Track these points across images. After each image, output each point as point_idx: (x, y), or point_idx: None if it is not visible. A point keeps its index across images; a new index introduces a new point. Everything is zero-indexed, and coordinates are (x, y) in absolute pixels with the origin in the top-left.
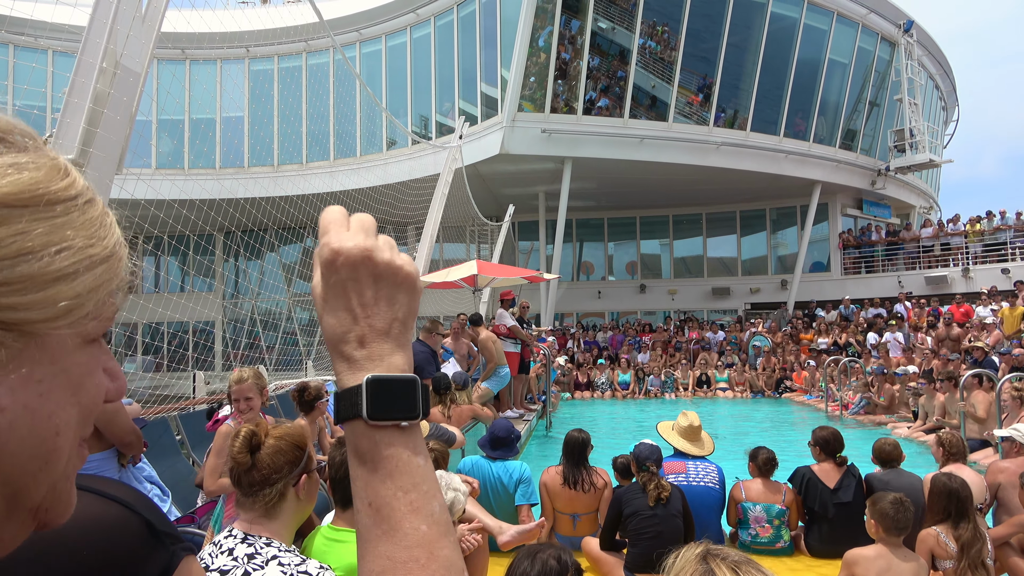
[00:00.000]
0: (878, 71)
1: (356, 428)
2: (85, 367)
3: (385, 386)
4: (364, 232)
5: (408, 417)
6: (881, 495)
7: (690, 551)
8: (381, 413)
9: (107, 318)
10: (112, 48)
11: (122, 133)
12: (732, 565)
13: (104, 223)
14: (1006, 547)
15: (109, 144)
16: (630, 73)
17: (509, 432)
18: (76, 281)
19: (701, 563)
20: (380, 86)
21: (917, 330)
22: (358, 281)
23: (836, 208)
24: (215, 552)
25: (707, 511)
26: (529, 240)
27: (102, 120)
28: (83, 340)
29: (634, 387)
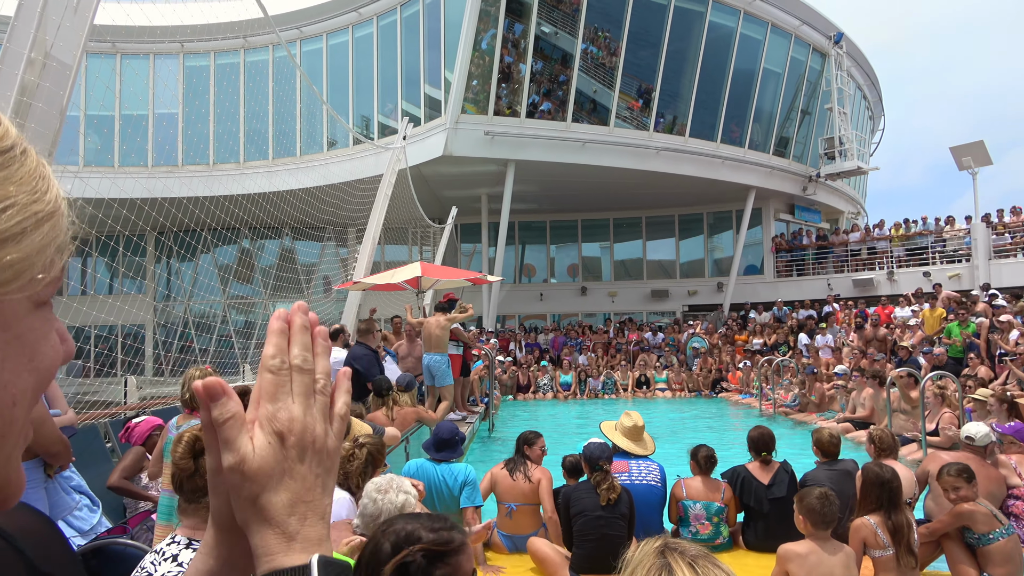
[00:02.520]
0: (810, 81)
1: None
2: (39, 332)
3: (334, 568)
4: (307, 399)
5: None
6: (807, 491)
7: (648, 545)
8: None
9: (55, 279)
10: (42, 37)
11: (52, 126)
12: (690, 559)
13: (43, 175)
14: (949, 538)
15: (38, 137)
16: (572, 78)
17: (453, 434)
18: (24, 241)
19: (659, 557)
20: (321, 85)
21: (858, 329)
22: (304, 456)
23: (769, 213)
24: (157, 560)
25: (649, 509)
26: (472, 242)
27: (31, 112)
28: (34, 304)
29: (576, 388)
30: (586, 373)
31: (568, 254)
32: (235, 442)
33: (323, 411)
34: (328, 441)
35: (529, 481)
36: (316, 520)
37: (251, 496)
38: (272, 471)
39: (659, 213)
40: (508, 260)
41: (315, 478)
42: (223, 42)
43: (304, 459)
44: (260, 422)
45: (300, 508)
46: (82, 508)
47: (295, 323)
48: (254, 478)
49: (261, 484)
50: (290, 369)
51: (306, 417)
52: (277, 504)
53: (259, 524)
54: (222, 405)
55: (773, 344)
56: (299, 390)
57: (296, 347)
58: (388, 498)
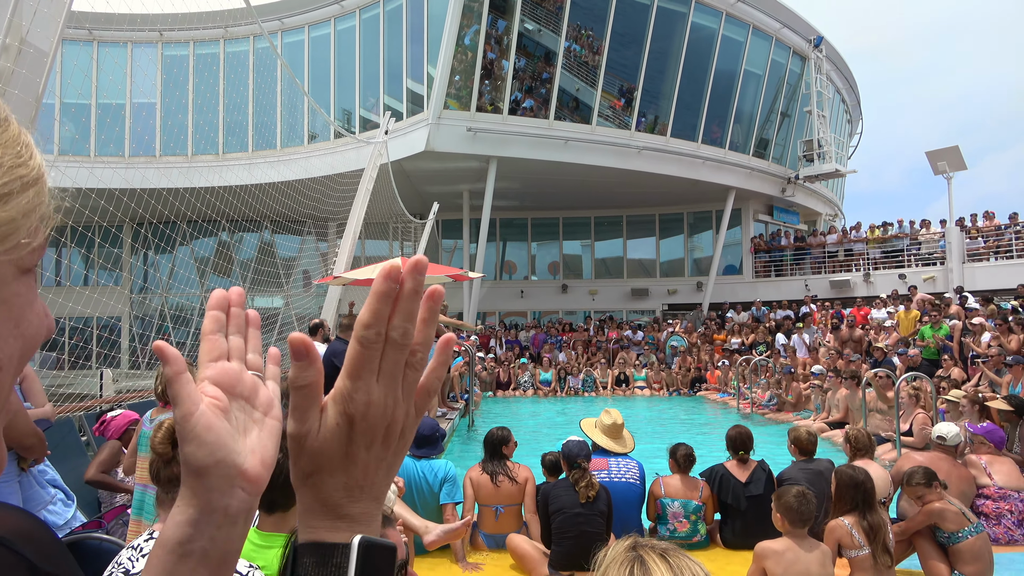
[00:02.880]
0: (790, 83)
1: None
2: (25, 298)
3: (376, 551)
4: (394, 379)
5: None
6: (785, 489)
7: (620, 543)
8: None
9: (39, 246)
10: (17, 23)
11: (27, 114)
12: (661, 552)
13: (26, 142)
14: (921, 536)
15: None
16: (555, 75)
17: (434, 430)
18: (10, 204)
19: (630, 551)
20: (303, 78)
21: (835, 330)
22: (372, 444)
23: (749, 214)
24: (135, 556)
25: (628, 506)
26: (453, 238)
27: (6, 99)
28: (19, 270)
29: (556, 385)
30: (566, 371)
31: (549, 252)
32: (305, 412)
33: (410, 389)
34: (407, 422)
35: (515, 483)
36: (369, 501)
37: (306, 471)
38: (334, 454)
39: (640, 212)
40: (489, 257)
41: (379, 462)
42: (203, 32)
43: (372, 446)
44: (335, 397)
45: (355, 492)
46: (56, 502)
47: (406, 286)
48: (313, 456)
49: (319, 464)
50: (385, 342)
51: (387, 400)
52: (331, 485)
53: (308, 497)
54: (302, 368)
55: (751, 344)
56: (388, 368)
57: (399, 316)
58: None
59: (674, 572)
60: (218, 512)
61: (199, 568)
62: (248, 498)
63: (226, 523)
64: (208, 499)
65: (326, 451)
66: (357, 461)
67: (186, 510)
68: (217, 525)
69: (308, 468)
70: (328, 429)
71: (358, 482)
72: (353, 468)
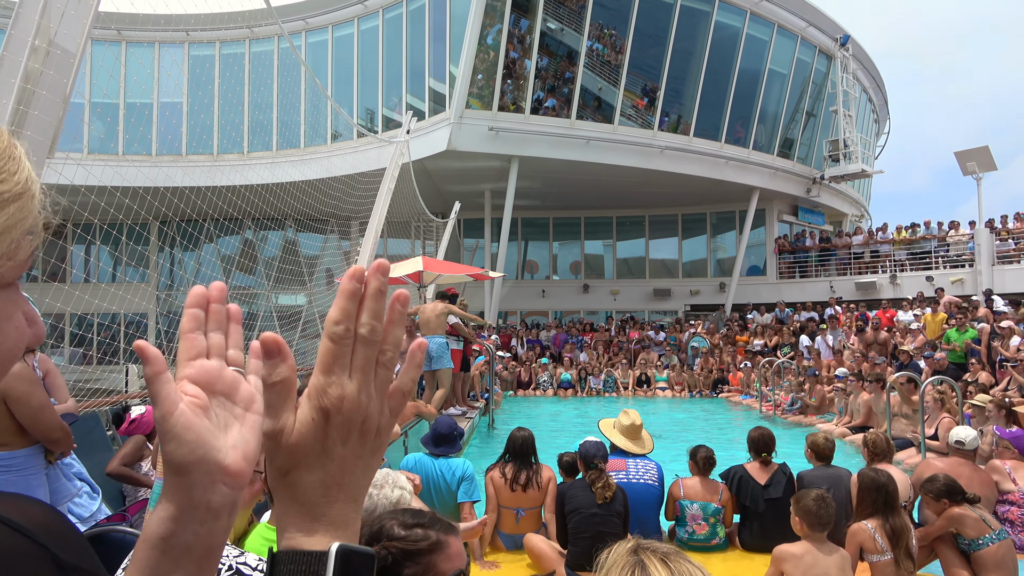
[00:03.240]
0: (815, 83)
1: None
2: (2, 313)
3: (354, 558)
4: (366, 374)
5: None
6: (804, 493)
7: (622, 546)
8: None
9: (23, 260)
10: (46, 25)
11: (55, 115)
12: (662, 556)
13: (12, 156)
14: (943, 542)
15: (42, 125)
16: (578, 74)
17: (452, 429)
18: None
19: (632, 555)
20: (326, 77)
21: (859, 332)
22: (348, 439)
23: (773, 214)
24: None
25: (646, 508)
26: (474, 238)
27: (34, 100)
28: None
29: (576, 386)
30: (587, 371)
31: (571, 251)
32: (279, 409)
33: (383, 387)
34: (382, 420)
35: (539, 487)
36: (347, 502)
37: (282, 468)
38: (309, 449)
39: (662, 212)
40: (511, 256)
41: (356, 459)
42: (228, 32)
43: (348, 441)
44: (308, 393)
45: (332, 491)
46: (82, 495)
47: (370, 286)
48: (289, 452)
49: (295, 460)
50: (354, 339)
51: (360, 395)
52: (308, 483)
53: (285, 497)
54: (274, 366)
55: (775, 345)
56: (359, 363)
57: (367, 314)
58: (383, 493)
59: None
60: (200, 508)
61: (183, 562)
62: (230, 493)
63: (208, 518)
64: (190, 495)
65: (302, 446)
66: (334, 456)
67: (168, 506)
68: (200, 520)
69: (285, 465)
70: (303, 424)
71: (335, 479)
72: (330, 464)
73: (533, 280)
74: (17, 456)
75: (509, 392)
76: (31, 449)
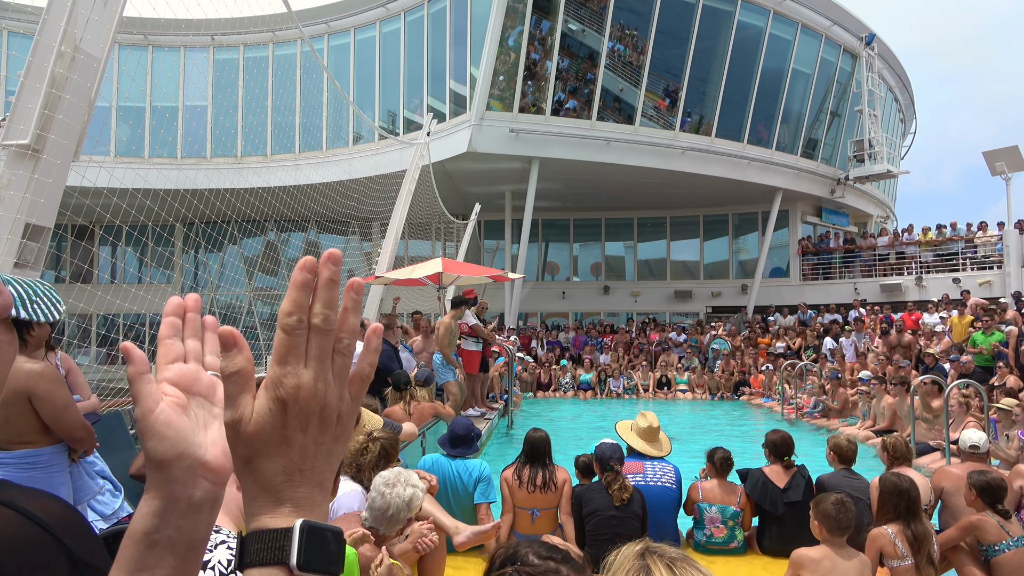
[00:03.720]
0: (840, 82)
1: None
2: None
3: (319, 534)
4: (322, 363)
5: (334, 572)
6: (824, 496)
7: (629, 549)
8: (312, 563)
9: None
10: (72, 31)
11: (81, 119)
12: (668, 562)
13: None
14: (958, 550)
15: (67, 130)
16: (599, 76)
17: (469, 430)
18: None
19: (638, 559)
20: (348, 80)
21: (884, 335)
22: (307, 427)
23: (796, 215)
24: None
25: (663, 511)
26: (495, 239)
27: (60, 104)
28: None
29: (596, 387)
30: (606, 373)
31: (591, 253)
32: (236, 399)
33: (341, 374)
34: (342, 407)
35: (555, 488)
36: (312, 487)
37: (244, 456)
38: (268, 438)
39: (684, 213)
40: (531, 257)
41: (318, 446)
42: (252, 35)
43: (307, 429)
44: (266, 384)
45: (295, 476)
46: (105, 493)
47: (322, 276)
48: (248, 441)
49: (255, 448)
50: (307, 329)
51: (317, 384)
52: (270, 469)
53: (250, 484)
54: (231, 357)
55: (798, 348)
56: (315, 353)
57: (319, 304)
58: (396, 492)
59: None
60: (182, 502)
61: (166, 556)
62: (212, 487)
63: (190, 512)
64: (171, 490)
65: (261, 435)
66: (294, 444)
67: (151, 502)
68: (182, 514)
69: (246, 453)
70: (261, 414)
71: (297, 465)
72: (290, 451)
73: (553, 281)
74: (42, 454)
75: (529, 394)
76: (55, 447)
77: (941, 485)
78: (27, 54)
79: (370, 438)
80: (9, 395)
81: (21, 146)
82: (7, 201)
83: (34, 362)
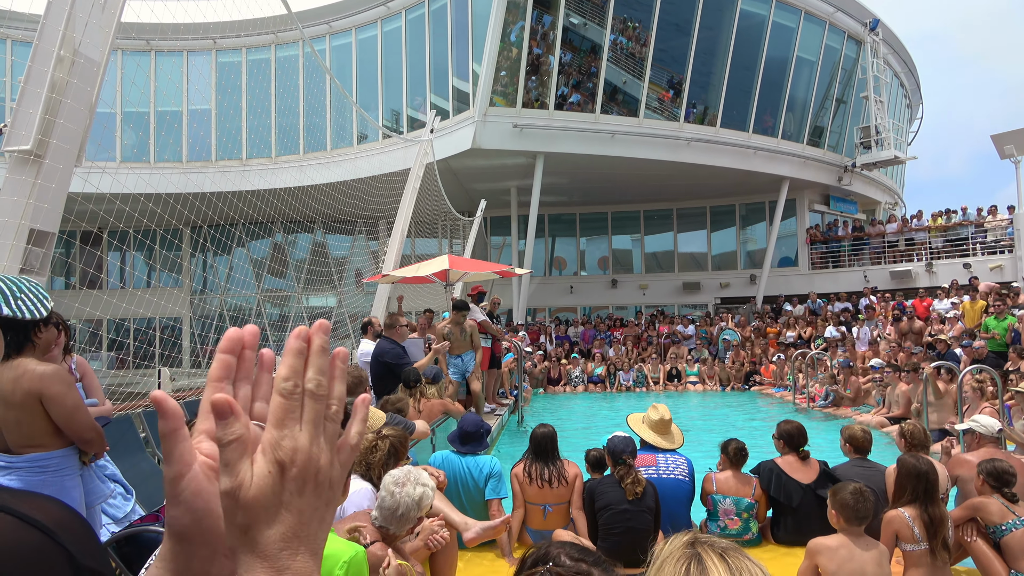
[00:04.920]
0: (845, 69)
1: None
2: None
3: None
4: (316, 427)
5: None
6: (842, 485)
7: (677, 539)
8: None
9: None
10: (71, 35)
11: (82, 123)
12: (721, 551)
13: None
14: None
15: (69, 134)
16: (601, 69)
17: (478, 426)
18: None
19: (688, 548)
20: (350, 79)
21: (895, 322)
22: (304, 490)
23: (804, 204)
24: None
25: (677, 504)
26: (501, 235)
27: (60, 109)
28: None
29: (606, 381)
30: (616, 366)
31: (598, 246)
32: (235, 466)
33: (332, 440)
34: (332, 473)
35: (566, 483)
36: (308, 556)
37: (243, 525)
38: (268, 503)
39: (690, 205)
40: (538, 253)
41: (313, 511)
42: (254, 38)
43: (304, 492)
44: (263, 448)
45: (293, 543)
46: (116, 496)
47: (314, 344)
48: (248, 507)
49: (255, 515)
50: (303, 394)
51: (312, 447)
52: (269, 537)
53: (248, 554)
54: (228, 425)
55: (810, 338)
56: (309, 417)
57: (312, 370)
58: (405, 491)
59: (732, 573)
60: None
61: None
62: (231, 567)
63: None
64: (188, 566)
65: (261, 499)
66: (291, 508)
67: (164, 573)
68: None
69: (245, 521)
70: (260, 478)
71: (295, 531)
72: (288, 516)
73: (561, 276)
74: (53, 457)
75: (539, 389)
76: (66, 450)
77: (956, 474)
78: None
79: (379, 436)
80: (21, 397)
81: (23, 151)
82: (11, 207)
83: (45, 364)
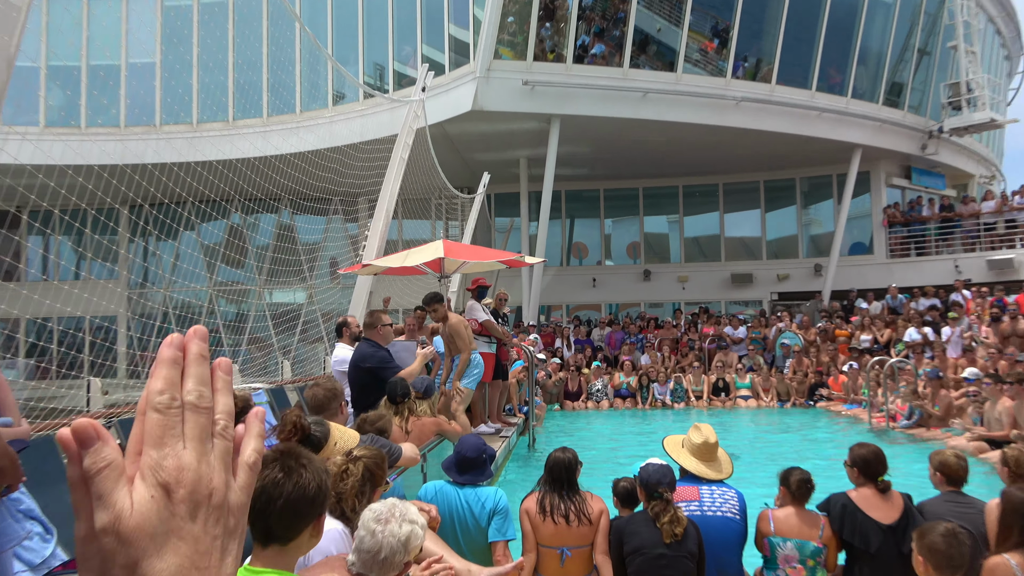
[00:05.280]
0: (928, 13)
1: None
2: None
3: None
4: (202, 444)
5: None
6: (930, 526)
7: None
8: None
9: None
10: None
11: None
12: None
13: None
14: None
15: None
16: (631, 14)
17: (480, 451)
18: None
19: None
20: (325, 27)
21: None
22: (197, 515)
23: (880, 178)
24: None
25: (725, 548)
26: (508, 216)
27: None
28: None
29: (637, 395)
30: (650, 377)
31: (628, 230)
32: (110, 496)
33: (224, 458)
34: (230, 495)
35: (589, 522)
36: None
37: (129, 563)
38: (154, 531)
39: (740, 179)
40: (553, 238)
41: (212, 540)
42: None
43: (197, 517)
44: (142, 473)
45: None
46: (33, 537)
47: (191, 351)
48: (131, 540)
49: (141, 547)
50: (182, 407)
51: (200, 466)
52: (161, 572)
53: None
54: (95, 452)
55: (887, 341)
56: (192, 433)
57: (191, 381)
58: (389, 529)
59: None
60: None
61: None
62: None
63: None
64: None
65: (145, 527)
66: (184, 536)
67: None
68: None
69: (130, 558)
70: (142, 503)
71: (193, 562)
72: (182, 544)
73: (581, 266)
74: None
75: (554, 405)
76: None
77: None
78: None
79: (350, 458)
80: None
81: None
82: None
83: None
